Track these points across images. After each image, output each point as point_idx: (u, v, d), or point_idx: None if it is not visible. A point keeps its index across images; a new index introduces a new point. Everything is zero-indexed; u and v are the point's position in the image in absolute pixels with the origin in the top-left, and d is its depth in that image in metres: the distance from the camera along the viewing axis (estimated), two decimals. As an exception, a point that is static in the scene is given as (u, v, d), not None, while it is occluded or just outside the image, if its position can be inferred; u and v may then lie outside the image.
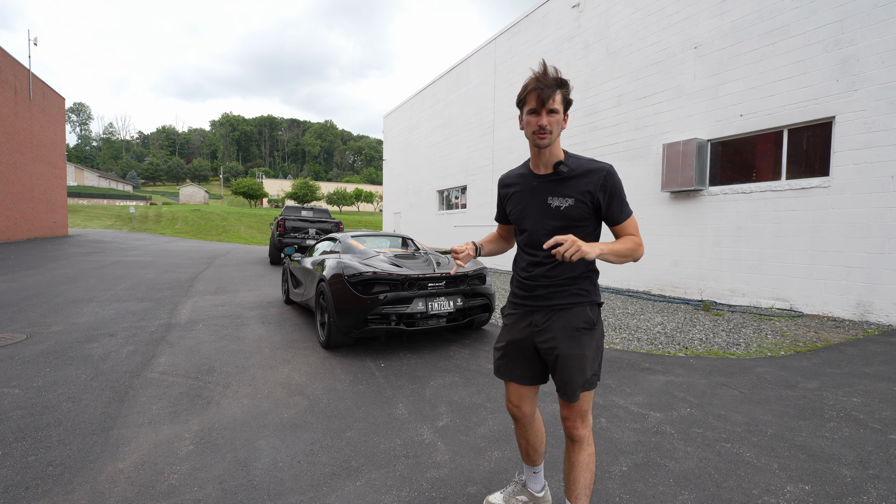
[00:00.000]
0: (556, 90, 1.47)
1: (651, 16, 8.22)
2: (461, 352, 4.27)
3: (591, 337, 1.57)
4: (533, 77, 1.49)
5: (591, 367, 1.57)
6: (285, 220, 12.14)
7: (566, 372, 1.55)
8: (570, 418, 1.60)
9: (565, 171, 1.56)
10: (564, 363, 1.54)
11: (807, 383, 3.40)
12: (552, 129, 1.49)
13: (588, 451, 1.60)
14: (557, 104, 1.48)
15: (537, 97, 1.47)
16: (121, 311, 5.77)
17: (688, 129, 7.58)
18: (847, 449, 2.40)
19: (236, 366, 3.75)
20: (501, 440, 2.52)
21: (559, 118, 1.50)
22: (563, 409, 1.62)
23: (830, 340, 4.68)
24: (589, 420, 1.61)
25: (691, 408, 2.96)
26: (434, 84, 16.73)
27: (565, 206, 1.55)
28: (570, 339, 1.55)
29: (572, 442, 1.61)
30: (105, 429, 2.58)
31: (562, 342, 1.55)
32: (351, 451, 2.38)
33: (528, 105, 1.51)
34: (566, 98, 1.51)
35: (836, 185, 5.80)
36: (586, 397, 1.58)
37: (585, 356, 1.55)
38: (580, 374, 1.54)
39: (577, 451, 1.60)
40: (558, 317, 1.57)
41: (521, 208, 1.66)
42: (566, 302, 1.57)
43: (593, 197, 1.53)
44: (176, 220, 35.61)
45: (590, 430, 1.61)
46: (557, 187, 1.57)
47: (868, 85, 5.47)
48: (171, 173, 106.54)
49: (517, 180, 1.71)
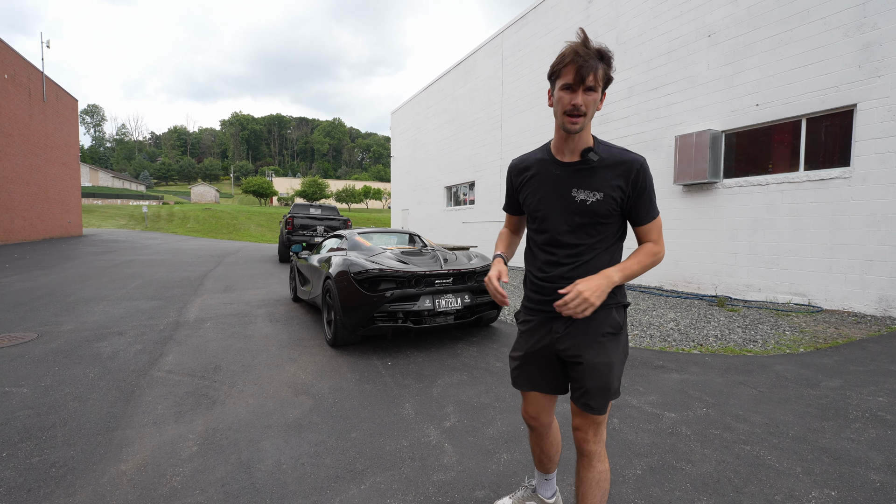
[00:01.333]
0: (599, 64, 1.26)
1: (662, 4, 8.01)
2: (469, 349, 4.20)
3: (616, 342, 1.42)
4: (571, 47, 1.26)
5: (618, 376, 1.43)
6: (294, 217, 12.17)
7: (593, 382, 1.39)
8: (583, 429, 1.46)
9: (595, 161, 1.36)
10: (591, 373, 1.39)
11: (829, 382, 3.27)
12: (587, 111, 1.29)
13: (599, 468, 1.45)
14: (598, 81, 1.27)
15: (576, 71, 1.25)
16: (131, 309, 5.80)
17: (701, 121, 7.38)
18: (874, 452, 2.28)
19: (243, 364, 3.73)
20: (510, 441, 2.45)
21: (596, 98, 1.29)
22: (575, 419, 1.48)
23: (852, 337, 4.52)
24: (602, 434, 1.47)
25: (708, 408, 2.85)
26: (441, 79, 16.60)
27: (592, 200, 1.37)
28: (596, 345, 1.39)
29: (582, 456, 1.48)
30: (110, 429, 2.56)
31: (586, 349, 1.40)
32: (356, 453, 2.33)
33: (562, 79, 1.30)
34: (607, 74, 1.30)
35: (858, 175, 5.59)
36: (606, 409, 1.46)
37: (612, 364, 1.40)
38: (606, 384, 1.39)
39: (586, 467, 1.46)
40: (581, 322, 1.40)
41: (538, 199, 1.47)
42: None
43: (623, 192, 1.37)
44: (188, 220, 36.03)
45: (603, 445, 1.47)
46: (585, 178, 1.38)
47: (892, 70, 5.25)
48: (183, 173, 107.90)
49: (535, 165, 1.50)
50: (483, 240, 13.56)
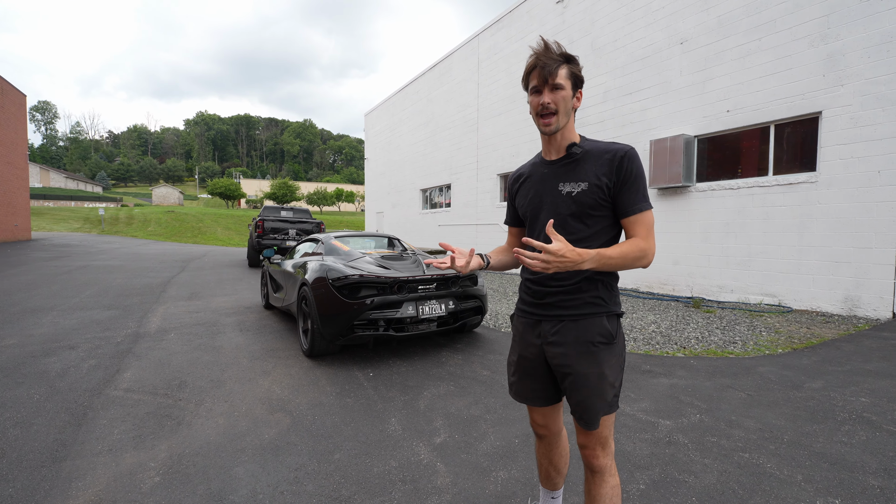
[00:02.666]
0: (562, 64, 1.29)
1: (636, 11, 8.16)
2: (454, 357, 4.05)
3: (610, 353, 1.33)
4: (533, 53, 1.32)
5: (612, 387, 1.33)
6: (264, 220, 11.71)
7: (582, 394, 1.32)
8: (589, 446, 1.36)
9: (578, 153, 1.35)
10: (581, 384, 1.32)
11: (811, 383, 3.31)
12: (557, 108, 1.30)
13: (611, 482, 1.37)
14: (562, 79, 1.29)
15: (539, 73, 1.29)
16: (84, 320, 5.34)
17: (674, 126, 7.53)
18: (868, 455, 2.27)
19: (211, 380, 3.44)
20: (506, 457, 2.31)
21: (566, 95, 1.30)
22: (579, 436, 1.39)
23: (824, 336, 4.64)
24: (611, 447, 1.38)
25: (701, 413, 2.81)
26: (416, 81, 16.45)
27: (577, 191, 1.33)
28: (586, 354, 1.32)
29: (592, 473, 1.38)
30: (57, 459, 2.26)
31: (576, 359, 1.32)
32: (341, 477, 2.13)
33: (530, 84, 1.34)
34: (575, 74, 1.32)
35: (823, 180, 5.81)
36: (607, 422, 1.35)
37: (605, 375, 1.31)
38: (599, 396, 1.31)
39: (598, 484, 1.37)
40: (570, 328, 1.34)
41: (529, 198, 1.46)
42: (578, 312, 1.33)
43: (609, 180, 1.31)
44: (149, 223, 34.34)
45: (612, 458, 1.38)
46: (570, 171, 1.36)
47: (854, 80, 5.48)
48: (144, 174, 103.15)
49: (528, 170, 1.52)
50: (460, 243, 13.45)
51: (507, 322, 5.53)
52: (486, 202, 12.51)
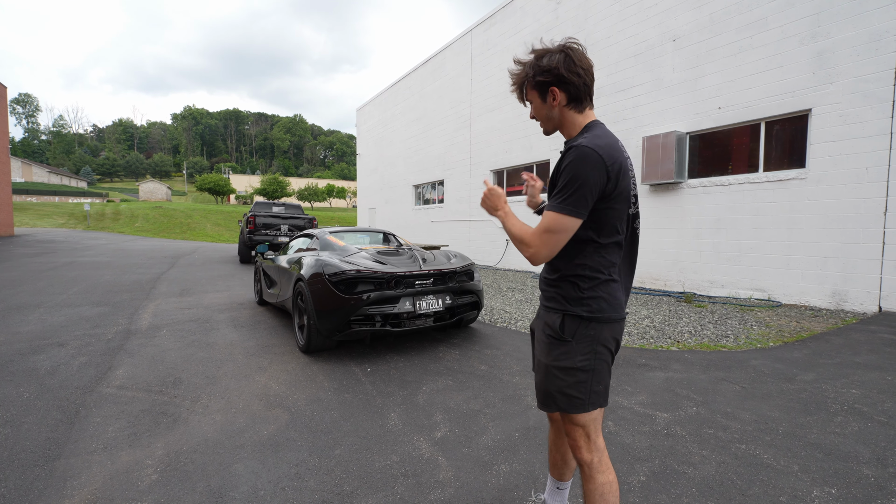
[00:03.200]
0: (520, 87, 1.46)
1: (629, 7, 8.18)
2: (451, 352, 4.05)
3: (555, 348, 1.34)
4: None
5: (556, 384, 1.34)
6: (256, 216, 11.58)
7: (538, 376, 1.44)
8: (571, 436, 1.39)
9: (563, 152, 1.36)
10: (536, 366, 1.47)
11: (804, 375, 3.37)
12: (539, 118, 1.46)
13: (599, 479, 1.35)
14: (530, 96, 1.45)
15: (517, 93, 1.49)
16: (73, 317, 5.24)
17: (667, 122, 7.59)
18: (861, 445, 2.32)
19: (206, 376, 3.40)
20: (507, 451, 2.32)
21: (537, 105, 1.44)
22: (563, 424, 1.43)
23: (814, 330, 4.73)
24: (597, 443, 1.37)
25: (697, 406, 2.85)
26: (408, 77, 16.35)
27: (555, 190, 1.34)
28: (541, 343, 1.42)
29: (580, 466, 1.40)
30: (50, 458, 2.22)
31: (536, 343, 1.49)
32: (342, 473, 2.12)
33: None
34: (534, 83, 1.39)
35: (813, 176, 5.90)
36: (578, 419, 1.34)
37: (548, 367, 1.36)
38: (542, 383, 1.41)
39: (585, 479, 1.38)
40: (541, 315, 1.47)
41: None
42: (547, 304, 1.42)
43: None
44: (136, 218, 33.78)
45: (600, 454, 1.37)
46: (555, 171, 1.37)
47: (843, 78, 5.56)
48: (130, 169, 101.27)
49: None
50: (453, 239, 13.45)
51: (501, 317, 5.54)
52: (479, 198, 12.49)
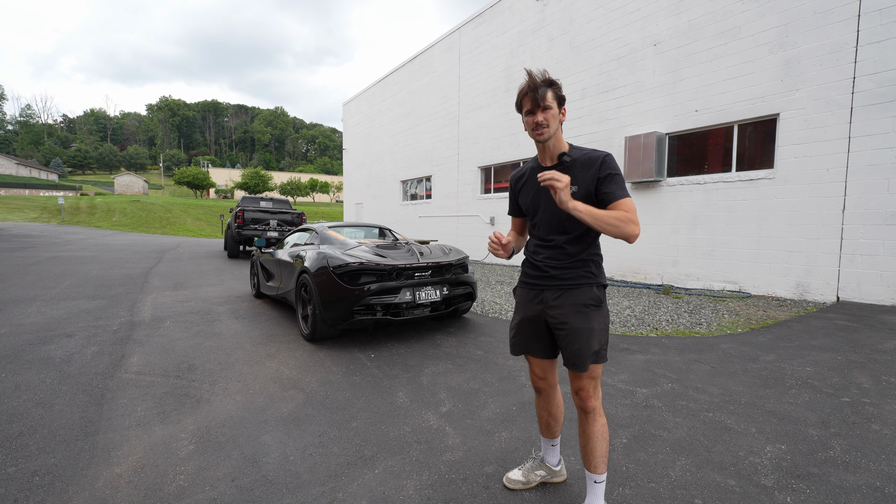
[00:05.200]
0: (547, 89, 1.62)
1: (613, 12, 8.53)
2: (448, 340, 4.33)
3: (598, 313, 1.67)
4: (524, 83, 1.65)
5: (599, 340, 1.66)
6: (244, 211, 11.61)
7: (576, 344, 1.65)
8: (583, 389, 1.69)
9: (568, 161, 1.68)
10: (574, 336, 1.65)
11: (766, 356, 3.75)
12: (548, 124, 1.63)
13: (601, 421, 1.70)
14: (549, 101, 1.62)
15: (531, 99, 1.62)
16: (72, 310, 5.32)
17: (648, 123, 7.98)
18: (809, 412, 2.69)
19: (219, 362, 3.59)
20: (506, 422, 2.61)
21: (554, 112, 1.63)
22: (574, 382, 1.71)
23: (778, 318, 5.17)
24: (600, 393, 1.72)
25: (672, 383, 3.19)
26: (396, 72, 16.46)
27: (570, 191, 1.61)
28: (579, 314, 1.65)
29: (585, 414, 1.71)
30: (89, 434, 2.41)
31: (571, 317, 1.66)
32: (361, 441, 2.37)
33: (525, 107, 1.67)
34: (558, 95, 1.65)
35: (780, 176, 6.36)
36: (596, 370, 1.68)
37: (593, 329, 1.65)
38: (588, 346, 1.64)
39: (590, 423, 1.70)
40: (568, 295, 1.68)
41: (531, 199, 1.80)
42: (575, 283, 1.68)
43: (593, 181, 1.63)
44: (113, 212, 32.99)
45: (600, 402, 1.72)
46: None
47: (808, 85, 6.01)
48: (103, 161, 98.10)
49: (527, 173, 1.86)
50: (441, 234, 13.70)
51: (492, 308, 5.84)
52: (466, 194, 12.78)
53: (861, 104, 5.57)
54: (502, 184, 11.77)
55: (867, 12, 5.49)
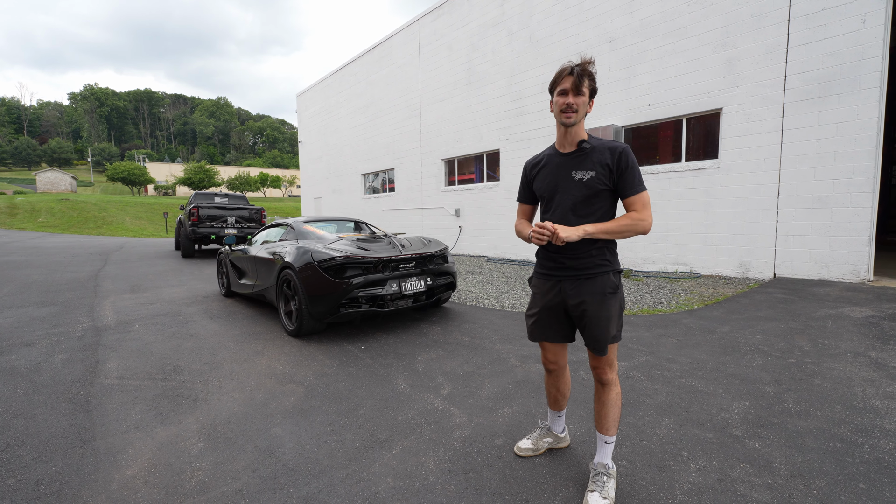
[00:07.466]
0: (587, 78, 1.71)
1: (570, 9, 8.87)
2: (434, 328, 4.45)
3: (615, 299, 1.81)
4: (568, 63, 1.74)
5: (616, 325, 1.82)
6: (199, 207, 11.05)
7: (596, 330, 1.79)
8: (600, 367, 1.86)
9: (587, 148, 1.79)
10: (595, 323, 1.79)
11: (721, 328, 4.18)
12: (578, 109, 1.72)
13: (616, 390, 1.89)
14: (586, 88, 1.71)
15: (572, 80, 1.70)
16: (21, 317, 4.93)
17: (605, 116, 8.41)
18: (763, 373, 3.07)
19: (205, 362, 3.51)
20: (506, 399, 2.78)
21: (585, 100, 1.73)
22: (592, 360, 1.88)
23: (726, 294, 5.72)
24: (615, 365, 1.89)
25: (646, 355, 3.50)
26: (354, 63, 16.14)
27: (587, 178, 1.77)
28: (598, 303, 1.78)
29: (602, 385, 1.89)
30: (85, 440, 2.33)
31: (591, 305, 1.78)
32: (372, 426, 2.46)
33: (560, 86, 1.74)
34: (592, 86, 1.76)
35: (724, 166, 6.96)
36: (613, 349, 1.85)
37: (612, 316, 1.80)
38: (607, 332, 1.79)
39: (606, 392, 1.88)
40: (587, 284, 1.80)
41: (547, 183, 1.88)
42: (592, 272, 1.79)
43: (611, 170, 1.75)
44: (38, 213, 30.06)
45: (616, 373, 1.90)
46: (581, 162, 1.79)
47: (747, 82, 6.60)
48: (20, 156, 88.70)
49: (544, 159, 1.95)
50: (405, 226, 13.72)
51: (469, 297, 6.02)
52: (431, 187, 12.85)
53: (791, 100, 6.21)
54: (466, 175, 11.95)
55: (796, 17, 6.11)
